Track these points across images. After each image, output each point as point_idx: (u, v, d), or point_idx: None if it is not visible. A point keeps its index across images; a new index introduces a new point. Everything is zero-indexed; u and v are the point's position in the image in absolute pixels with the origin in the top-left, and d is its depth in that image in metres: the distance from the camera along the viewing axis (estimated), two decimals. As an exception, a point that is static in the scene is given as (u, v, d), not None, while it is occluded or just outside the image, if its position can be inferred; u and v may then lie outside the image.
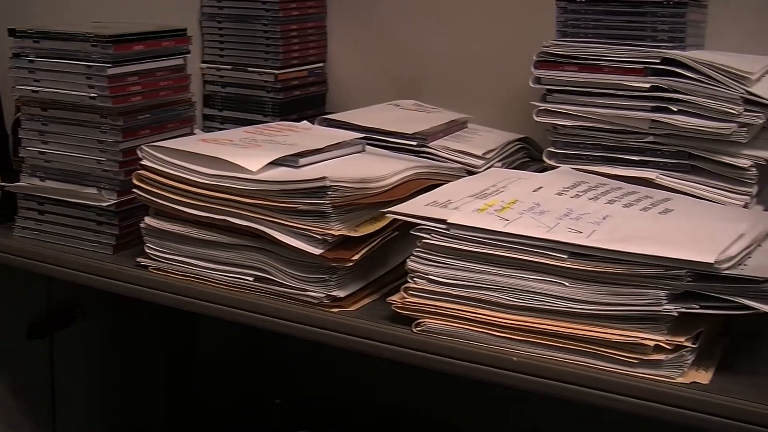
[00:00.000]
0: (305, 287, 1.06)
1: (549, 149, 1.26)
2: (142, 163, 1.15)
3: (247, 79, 1.62)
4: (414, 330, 0.99)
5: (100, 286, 1.21)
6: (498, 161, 1.35)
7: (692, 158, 1.18)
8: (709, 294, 0.89)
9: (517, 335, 0.95)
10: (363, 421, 1.66)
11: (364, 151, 1.26)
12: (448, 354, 0.97)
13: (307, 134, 1.27)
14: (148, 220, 1.16)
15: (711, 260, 0.87)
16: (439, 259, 0.99)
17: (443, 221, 0.99)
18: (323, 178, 1.04)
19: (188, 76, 1.32)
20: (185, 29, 1.31)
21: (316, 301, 1.06)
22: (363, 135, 1.29)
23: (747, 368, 0.91)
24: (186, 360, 1.80)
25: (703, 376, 0.90)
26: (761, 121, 1.13)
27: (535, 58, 1.24)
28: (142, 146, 1.16)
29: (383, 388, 1.62)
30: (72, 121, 1.23)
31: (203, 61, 1.64)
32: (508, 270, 0.96)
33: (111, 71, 1.20)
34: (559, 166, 1.24)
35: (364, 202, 1.08)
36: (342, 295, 1.06)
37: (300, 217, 1.05)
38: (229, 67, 1.63)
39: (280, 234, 1.06)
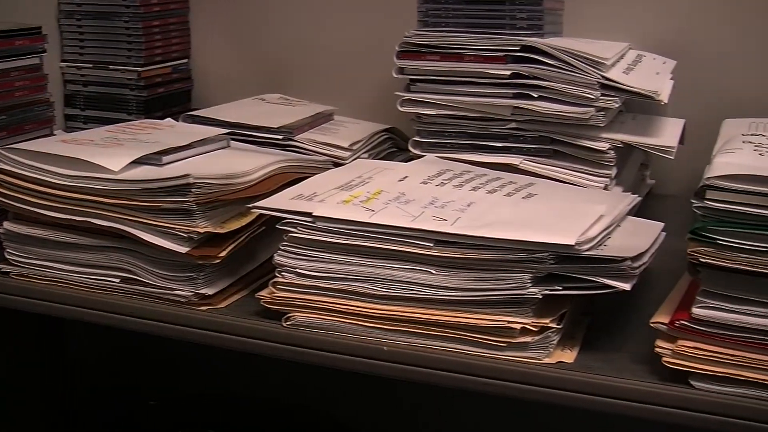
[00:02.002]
0: (172, 286, 1.05)
1: (414, 138, 1.27)
2: (-2, 166, 1.12)
3: (109, 78, 1.58)
4: (284, 324, 0.99)
5: (-41, 296, 1.16)
6: (364, 152, 1.36)
7: (554, 143, 1.21)
8: (572, 275, 0.91)
9: (387, 325, 0.95)
10: (243, 418, 1.65)
11: (229, 146, 1.24)
12: (318, 347, 0.97)
13: (170, 131, 1.25)
14: (7, 224, 1.13)
15: (572, 242, 0.89)
16: (306, 252, 0.98)
17: (309, 214, 0.98)
18: (186, 176, 1.02)
19: (45, 75, 1.29)
20: (40, 27, 1.28)
21: (184, 300, 1.04)
22: (228, 130, 1.27)
23: (607, 345, 0.94)
24: (58, 365, 1.75)
25: (569, 356, 0.92)
26: (617, 105, 1.16)
27: (397, 48, 1.25)
28: (-2, 149, 1.12)
29: (263, 383, 1.61)
30: None
31: (63, 60, 1.60)
32: (375, 260, 0.96)
33: (-39, 72, 1.17)
34: (424, 155, 1.24)
35: (230, 198, 1.06)
36: (210, 293, 1.05)
37: (164, 216, 1.03)
38: (91, 65, 1.59)
39: (144, 233, 1.04)
